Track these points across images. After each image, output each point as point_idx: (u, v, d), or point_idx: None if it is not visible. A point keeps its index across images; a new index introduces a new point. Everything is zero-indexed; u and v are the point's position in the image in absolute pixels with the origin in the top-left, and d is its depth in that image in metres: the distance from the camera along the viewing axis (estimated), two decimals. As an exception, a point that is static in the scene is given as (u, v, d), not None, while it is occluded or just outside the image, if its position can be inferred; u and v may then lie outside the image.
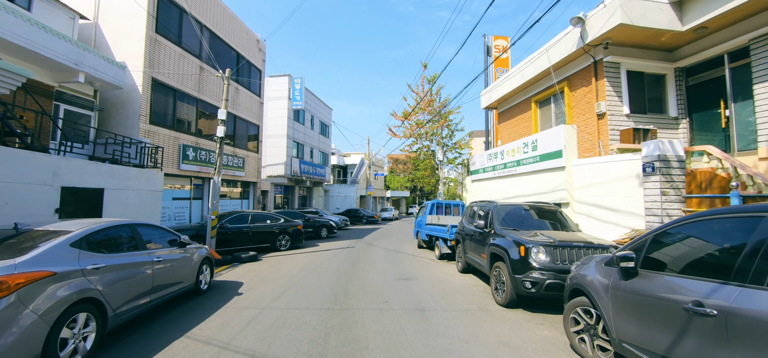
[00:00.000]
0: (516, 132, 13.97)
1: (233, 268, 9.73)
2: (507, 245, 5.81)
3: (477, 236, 7.40)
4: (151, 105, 12.03)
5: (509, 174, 12.17)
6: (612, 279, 3.38)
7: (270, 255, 11.92)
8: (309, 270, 9.14)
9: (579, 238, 5.67)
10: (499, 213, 6.87)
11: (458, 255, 9.03)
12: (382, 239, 17.13)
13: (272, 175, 24.99)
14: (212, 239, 10.72)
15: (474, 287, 7.22)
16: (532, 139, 10.68)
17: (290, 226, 13.57)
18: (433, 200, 13.57)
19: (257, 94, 19.59)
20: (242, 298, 6.54)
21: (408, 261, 10.70)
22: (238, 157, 17.23)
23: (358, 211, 31.37)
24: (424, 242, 13.49)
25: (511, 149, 12.06)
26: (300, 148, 27.51)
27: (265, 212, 13.53)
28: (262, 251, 12.75)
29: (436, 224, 11.64)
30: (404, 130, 18.48)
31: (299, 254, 12.29)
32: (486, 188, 14.19)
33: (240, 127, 17.90)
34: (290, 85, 25.61)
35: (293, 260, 10.95)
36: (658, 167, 7.03)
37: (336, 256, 11.69)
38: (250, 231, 12.40)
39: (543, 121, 12.42)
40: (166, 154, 12.71)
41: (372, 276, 8.37)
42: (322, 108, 32.60)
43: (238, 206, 18.23)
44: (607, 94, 9.55)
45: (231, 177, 16.87)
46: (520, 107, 13.75)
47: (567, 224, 6.78)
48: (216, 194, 10.82)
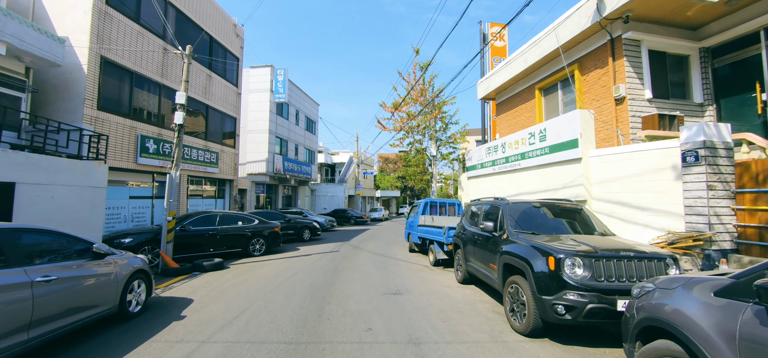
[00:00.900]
0: (516, 124, 12.68)
1: (190, 279, 8.15)
2: (528, 254, 4.42)
3: (482, 241, 6.02)
4: (101, 88, 10.33)
5: (511, 169, 10.86)
6: (743, 322, 2.00)
7: (240, 262, 10.35)
8: (280, 281, 7.63)
9: (624, 245, 4.32)
10: (511, 213, 5.49)
11: (457, 262, 7.65)
12: (370, 242, 15.68)
13: (253, 173, 23.29)
14: (168, 244, 9.12)
15: (480, 305, 5.83)
16: (539, 128, 9.37)
17: (266, 228, 12.00)
18: (426, 198, 12.16)
19: (234, 84, 17.92)
20: (182, 324, 5.01)
21: (398, 268, 9.27)
22: (210, 151, 15.55)
23: (346, 211, 29.84)
24: (416, 246, 12.09)
25: (513, 141, 10.75)
26: (284, 145, 25.85)
27: (235, 213, 11.94)
28: (233, 256, 11.17)
29: (430, 226, 10.25)
30: (394, 122, 17.05)
31: (275, 260, 10.75)
32: (484, 185, 12.87)
33: (213, 118, 16.22)
34: (272, 77, 23.94)
35: (265, 268, 9.41)
36: (702, 156, 5.75)
37: (316, 263, 10.19)
38: (217, 234, 10.80)
39: (548, 110, 11.15)
40: (121, 145, 11.02)
41: (355, 290, 6.91)
42: (309, 103, 30.97)
43: (211, 205, 16.54)
44: (626, 75, 8.30)
45: (202, 174, 15.19)
46: (522, 96, 12.47)
47: (594, 226, 5.45)
48: (173, 191, 9.20)
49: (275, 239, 12.29)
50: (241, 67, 18.57)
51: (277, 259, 10.92)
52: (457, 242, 7.69)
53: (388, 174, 59.47)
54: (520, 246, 4.70)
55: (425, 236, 10.54)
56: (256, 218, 12.15)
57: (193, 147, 14.40)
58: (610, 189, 7.41)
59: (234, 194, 17.88)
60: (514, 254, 4.69)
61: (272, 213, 16.00)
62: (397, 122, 17.06)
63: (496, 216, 5.78)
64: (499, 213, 5.69)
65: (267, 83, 23.73)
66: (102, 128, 10.29)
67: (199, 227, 10.61)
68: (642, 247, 4.25)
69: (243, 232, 11.41)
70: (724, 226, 5.69)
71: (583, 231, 5.29)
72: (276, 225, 12.47)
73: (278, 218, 15.59)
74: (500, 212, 5.67)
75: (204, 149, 15.15)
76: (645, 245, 4.43)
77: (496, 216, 5.78)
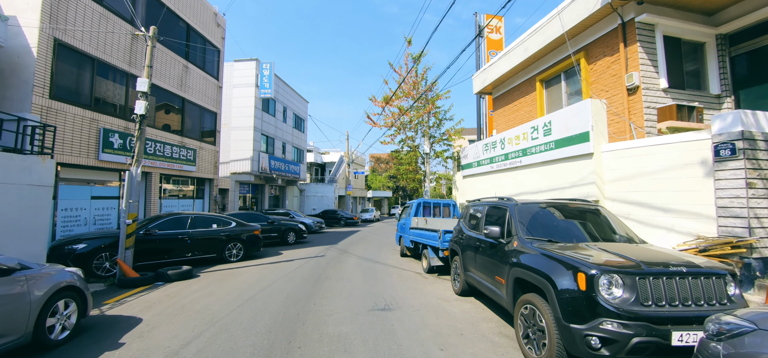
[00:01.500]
0: (515, 119, 11.87)
1: (150, 291, 7.10)
2: (547, 267, 3.53)
3: (486, 248, 5.12)
4: (54, 74, 9.18)
5: (511, 167, 10.02)
6: None
7: (213, 269, 9.30)
8: (253, 294, 6.63)
9: (670, 256, 3.46)
10: (522, 216, 4.59)
11: (455, 271, 6.75)
12: (359, 245, 14.72)
13: (237, 173, 22.13)
14: (128, 250, 8.03)
15: (483, 324, 4.93)
16: (543, 121, 8.54)
17: (244, 231, 10.95)
18: (419, 199, 11.25)
19: (214, 77, 16.78)
20: (115, 355, 3.99)
21: (388, 276, 8.34)
22: (187, 148, 14.41)
23: (335, 212, 28.81)
24: (408, 250, 11.18)
25: (513, 137, 9.91)
26: (270, 143, 24.72)
27: (210, 215, 10.87)
28: (207, 263, 10.11)
29: (423, 229, 9.34)
30: (385, 118, 16.05)
31: (252, 266, 9.72)
32: (481, 185, 12.03)
33: (191, 113, 15.08)
34: (258, 71, 22.81)
35: (240, 276, 8.39)
36: (740, 149, 4.95)
37: (298, 270, 9.19)
38: (188, 238, 9.72)
39: (550, 103, 10.35)
40: (80, 139, 9.87)
41: (337, 305, 5.95)
42: (297, 99, 29.86)
43: (188, 206, 15.38)
44: (640, 63, 7.51)
45: (177, 172, 14.04)
46: (521, 89, 11.65)
47: (618, 231, 4.60)
48: (133, 190, 8.12)
49: (255, 243, 11.24)
50: (223, 59, 17.45)
51: (255, 265, 9.89)
52: (454, 248, 6.79)
53: (379, 174, 58.54)
54: (535, 257, 3.80)
55: (418, 240, 9.63)
56: (233, 220, 11.08)
57: (167, 143, 13.26)
58: (626, 188, 6.59)
59: (214, 195, 16.74)
60: (529, 267, 3.79)
61: (254, 214, 14.92)
62: (388, 118, 16.08)
63: (502, 220, 4.88)
64: (506, 216, 4.80)
65: (252, 78, 22.59)
66: (56, 120, 9.15)
67: (166, 230, 9.51)
68: (693, 259, 3.39)
69: (217, 236, 10.35)
70: (765, 230, 4.89)
71: (606, 237, 4.42)
72: (256, 228, 11.43)
73: (260, 220, 14.53)
74: (508, 214, 4.77)
75: (180, 146, 14.01)
76: (694, 257, 3.57)
77: (502, 220, 4.88)
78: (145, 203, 12.69)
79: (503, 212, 4.97)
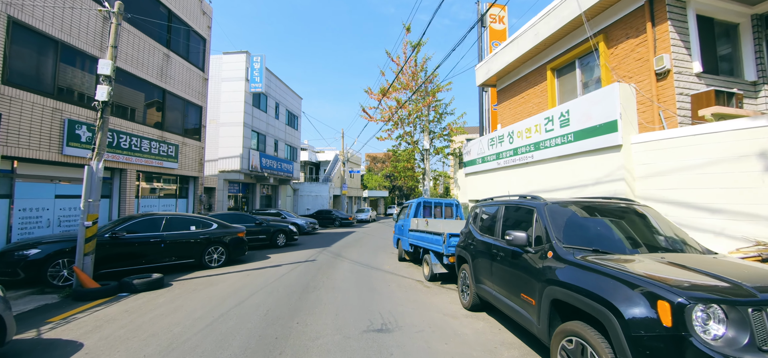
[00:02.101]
0: (522, 112, 10.97)
1: (109, 304, 6.09)
2: (604, 288, 2.59)
3: (505, 257, 4.18)
4: (7, 57, 8.12)
5: (521, 162, 9.10)
6: None
7: (189, 277, 8.29)
8: (226, 309, 5.64)
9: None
10: (555, 218, 3.65)
11: (463, 281, 5.81)
12: (354, 248, 13.75)
13: (226, 171, 21.06)
14: (87, 256, 7.00)
15: (505, 353, 3.98)
16: (559, 110, 7.63)
17: (227, 233, 9.94)
18: (419, 198, 10.32)
19: (200, 68, 15.72)
20: (21, 406, 3.00)
21: (385, 285, 7.39)
22: (168, 143, 13.36)
23: (330, 212, 27.81)
24: (407, 254, 10.24)
25: (523, 129, 8.99)
26: (261, 140, 23.65)
27: (188, 216, 9.84)
28: (185, 269, 9.09)
29: (424, 232, 8.39)
30: (381, 112, 15.05)
31: (234, 273, 8.72)
32: (486, 183, 11.11)
33: (172, 105, 14.01)
34: (248, 64, 21.74)
35: (217, 286, 7.40)
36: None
37: (284, 277, 8.21)
38: (161, 242, 8.69)
39: (563, 93, 9.45)
40: (39, 131, 8.82)
41: (325, 324, 4.99)
42: (290, 95, 28.80)
43: (170, 206, 14.33)
44: (671, 44, 6.62)
45: (157, 169, 12.99)
46: (529, 80, 10.75)
47: (677, 237, 3.67)
48: (94, 187, 7.09)
49: (239, 246, 10.24)
50: (209, 50, 16.39)
51: (237, 272, 8.89)
52: (462, 254, 5.85)
53: (375, 174, 57.62)
54: (582, 273, 2.87)
55: (419, 244, 8.68)
56: (214, 221, 10.06)
57: (145, 137, 12.20)
58: (662, 185, 5.69)
59: (199, 194, 15.68)
60: (574, 286, 2.86)
61: (240, 215, 13.90)
62: (385, 112, 15.07)
63: (527, 223, 3.95)
64: (533, 218, 3.86)
65: (242, 71, 21.52)
66: (10, 108, 8.09)
67: (138, 232, 8.48)
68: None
69: (196, 239, 9.33)
70: None
71: (666, 246, 3.50)
72: (240, 230, 10.41)
73: (247, 221, 13.52)
74: (535, 216, 3.84)
75: (160, 141, 12.95)
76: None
77: (527, 223, 3.95)
78: (119, 202, 11.63)
79: (528, 214, 4.04)
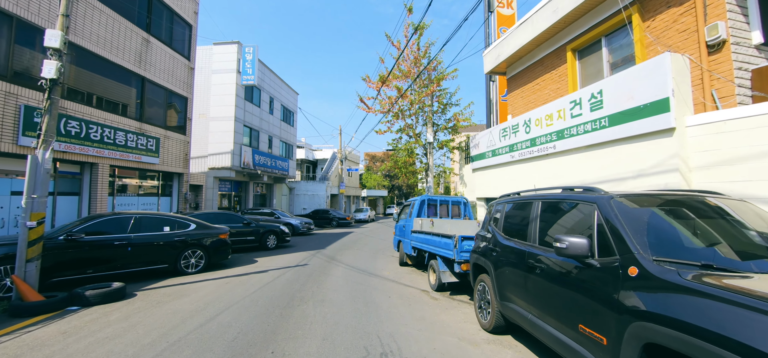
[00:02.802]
0: (537, 99, 9.88)
1: (51, 321, 4.99)
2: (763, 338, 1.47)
3: (551, 271, 3.08)
4: (-55, 30, 6.98)
5: (540, 154, 8.01)
6: None
7: (159, 285, 7.17)
8: (185, 332, 4.53)
9: None
10: (632, 220, 2.53)
11: (481, 296, 4.71)
12: (351, 250, 12.65)
13: (216, 168, 19.93)
14: (31, 262, 5.88)
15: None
16: (589, 92, 6.53)
17: (206, 235, 8.83)
18: (423, 195, 9.21)
19: (185, 56, 14.58)
20: None
21: (385, 297, 6.28)
22: (147, 136, 12.22)
23: (327, 212, 26.69)
24: (409, 258, 9.14)
25: (543, 116, 7.90)
26: (254, 136, 22.52)
27: (161, 215, 8.69)
28: (156, 275, 7.98)
29: (430, 233, 7.28)
30: (381, 102, 13.83)
31: (212, 280, 7.61)
32: (497, 178, 10.02)
33: (153, 95, 12.88)
34: (240, 55, 20.61)
35: (187, 297, 6.28)
36: None
37: (268, 286, 7.09)
38: (128, 245, 7.57)
39: (586, 77, 8.36)
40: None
41: (307, 351, 3.88)
42: (285, 90, 27.67)
43: (152, 205, 13.20)
44: (727, 9, 5.53)
45: (135, 164, 11.85)
46: (545, 64, 9.66)
47: None
48: (38, 182, 5.96)
49: (221, 249, 9.12)
50: (195, 37, 15.24)
51: (216, 279, 7.78)
52: (480, 262, 4.74)
53: (374, 173, 56.53)
54: (708, 305, 1.77)
55: (424, 248, 7.57)
56: (193, 221, 8.94)
57: (119, 129, 11.07)
58: (728, 176, 4.59)
59: (184, 192, 14.55)
60: (699, 329, 1.75)
61: (227, 215, 12.76)
62: (384, 102, 13.87)
63: (584, 224, 2.85)
64: (594, 218, 2.76)
65: (233, 63, 20.38)
66: (-53, 90, 6.96)
67: (100, 234, 7.36)
68: None
69: (170, 241, 8.20)
70: None
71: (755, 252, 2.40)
72: (222, 231, 9.29)
73: (234, 221, 12.40)
74: (598, 215, 2.73)
75: (138, 133, 11.82)
76: None
77: (584, 224, 2.85)
78: (90, 200, 10.49)
79: (582, 212, 2.95)
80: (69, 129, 9.43)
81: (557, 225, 3.27)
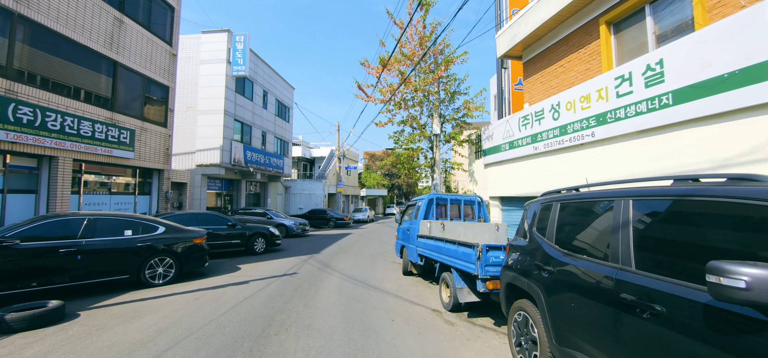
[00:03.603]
0: (560, 84, 8.61)
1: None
2: None
3: (686, 322, 1.79)
4: None
5: (572, 144, 6.73)
6: None
7: (113, 301, 5.89)
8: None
9: None
10: None
11: (520, 330, 3.43)
12: (348, 255, 11.37)
13: (204, 164, 18.62)
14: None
15: None
16: (644, 62, 5.24)
17: (177, 240, 7.54)
18: (430, 193, 7.91)
19: (166, 41, 13.27)
20: None
21: (388, 322, 4.99)
22: (120, 127, 10.91)
23: (324, 212, 25.39)
24: (414, 266, 7.85)
25: (577, 98, 6.62)
26: (246, 131, 21.21)
27: (122, 216, 7.38)
28: (115, 288, 6.68)
29: (442, 240, 5.97)
30: (381, 90, 12.42)
31: (179, 295, 6.33)
32: (515, 174, 8.74)
33: (128, 82, 11.57)
34: (230, 44, 19.30)
35: (138, 321, 4.98)
36: None
37: (242, 306, 5.80)
38: (77, 252, 6.27)
39: (623, 54, 7.08)
40: None
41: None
42: (281, 84, 26.35)
43: (127, 205, 11.89)
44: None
45: (104, 158, 10.55)
46: (571, 42, 8.39)
47: None
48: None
49: (195, 256, 7.83)
50: (178, 21, 13.92)
51: (184, 293, 6.49)
52: (518, 284, 3.46)
53: (373, 172, 55.25)
54: None
55: (434, 257, 6.28)
56: (163, 223, 7.64)
57: (85, 117, 9.77)
58: None
59: (165, 190, 13.25)
60: None
61: (211, 215, 11.44)
62: (385, 90, 12.47)
63: (742, 242, 1.57)
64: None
65: (223, 52, 19.06)
66: None
67: (42, 239, 6.06)
68: None
69: (132, 247, 6.90)
70: None
71: None
72: (197, 235, 8.00)
73: (218, 222, 11.10)
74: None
75: (108, 123, 10.50)
76: None
77: (742, 242, 1.57)
78: (48, 199, 9.19)
79: (745, 220, 1.66)
80: (20, 116, 8.13)
81: (678, 241, 1.99)
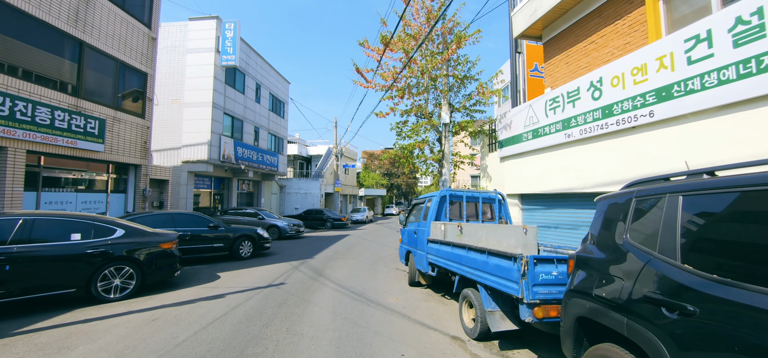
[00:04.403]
0: (591, 63, 7.40)
1: None
2: None
3: None
4: None
5: (622, 128, 5.51)
6: None
7: (51, 322, 4.64)
8: None
9: None
10: None
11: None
12: (345, 261, 10.12)
13: (191, 161, 17.32)
14: None
15: None
16: (731, 15, 4.02)
17: (140, 245, 6.29)
18: (444, 190, 6.64)
19: (144, 23, 11.98)
20: None
21: (393, 353, 3.74)
22: (86, 116, 9.63)
23: (321, 212, 24.15)
24: (422, 276, 6.60)
25: (628, 71, 5.40)
26: (237, 126, 19.92)
27: (68, 216, 6.09)
28: (62, 304, 5.42)
29: (461, 246, 4.72)
30: (382, 75, 11.06)
31: (134, 314, 5.08)
32: (539, 168, 7.52)
33: (97, 66, 10.29)
34: (219, 32, 18.01)
35: (71, 352, 3.72)
36: None
37: (209, 330, 4.55)
38: (5, 261, 5.00)
39: (674, 21, 5.87)
40: None
41: None
42: (275, 78, 25.07)
43: (98, 203, 10.61)
44: None
45: (68, 151, 9.26)
46: (605, 14, 7.18)
47: None
48: None
49: (162, 264, 6.59)
50: (158, 1, 12.63)
51: (143, 311, 5.25)
52: (603, 321, 2.23)
53: (372, 171, 53.98)
54: None
55: (452, 268, 5.03)
56: (122, 226, 6.38)
57: (42, 103, 8.50)
58: None
59: (142, 187, 11.96)
60: None
61: (190, 216, 10.17)
62: (387, 75, 11.10)
63: None
64: None
65: (211, 41, 17.77)
66: None
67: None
68: None
69: (80, 254, 5.64)
70: None
71: None
72: (165, 239, 6.75)
73: (199, 223, 9.84)
74: None
75: (71, 111, 9.22)
76: None
77: None
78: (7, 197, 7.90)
79: None
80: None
81: None
